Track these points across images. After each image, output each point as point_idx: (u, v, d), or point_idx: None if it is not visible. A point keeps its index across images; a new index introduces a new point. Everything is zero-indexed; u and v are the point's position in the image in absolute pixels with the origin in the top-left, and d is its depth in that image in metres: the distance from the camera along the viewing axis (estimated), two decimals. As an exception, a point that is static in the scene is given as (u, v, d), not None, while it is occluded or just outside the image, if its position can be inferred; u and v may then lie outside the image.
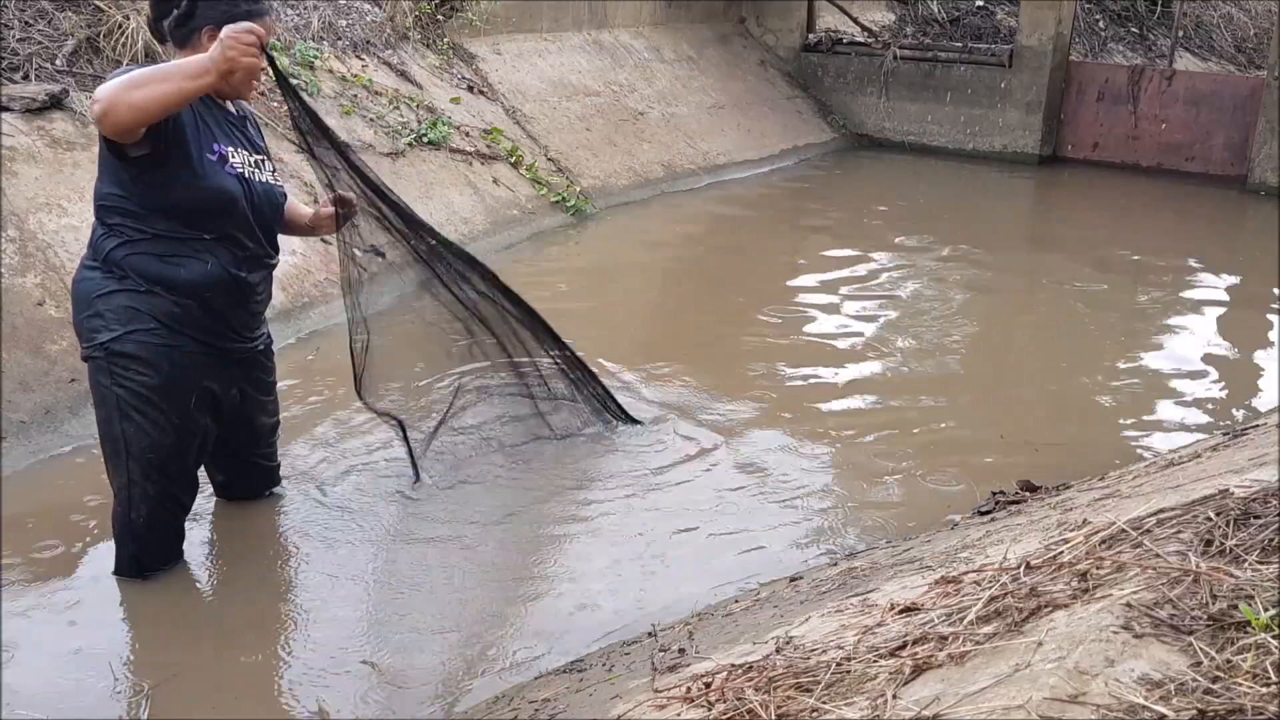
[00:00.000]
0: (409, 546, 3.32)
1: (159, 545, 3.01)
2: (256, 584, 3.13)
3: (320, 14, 7.06)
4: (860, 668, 1.53)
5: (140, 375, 2.80)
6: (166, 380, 2.83)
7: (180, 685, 2.60)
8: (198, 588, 3.07)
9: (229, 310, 2.95)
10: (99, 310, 2.79)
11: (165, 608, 2.94)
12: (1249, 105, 9.82)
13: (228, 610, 2.97)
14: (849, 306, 6.00)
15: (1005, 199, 9.82)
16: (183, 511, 3.04)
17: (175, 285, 2.81)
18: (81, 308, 2.83)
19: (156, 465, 2.87)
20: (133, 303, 2.79)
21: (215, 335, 2.93)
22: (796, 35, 11.61)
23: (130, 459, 2.85)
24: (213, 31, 2.71)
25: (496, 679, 2.64)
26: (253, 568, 3.20)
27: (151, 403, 2.82)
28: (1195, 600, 1.39)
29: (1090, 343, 5.64)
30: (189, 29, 2.81)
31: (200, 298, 2.85)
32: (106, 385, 2.81)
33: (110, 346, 2.78)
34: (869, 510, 3.61)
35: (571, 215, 7.55)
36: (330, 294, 5.31)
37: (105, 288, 2.80)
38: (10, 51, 5.12)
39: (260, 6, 2.86)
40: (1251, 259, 7.55)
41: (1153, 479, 2.78)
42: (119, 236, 2.80)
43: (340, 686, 2.65)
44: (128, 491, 2.89)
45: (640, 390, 4.51)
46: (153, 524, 2.94)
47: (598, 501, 3.57)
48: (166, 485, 2.93)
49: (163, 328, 2.81)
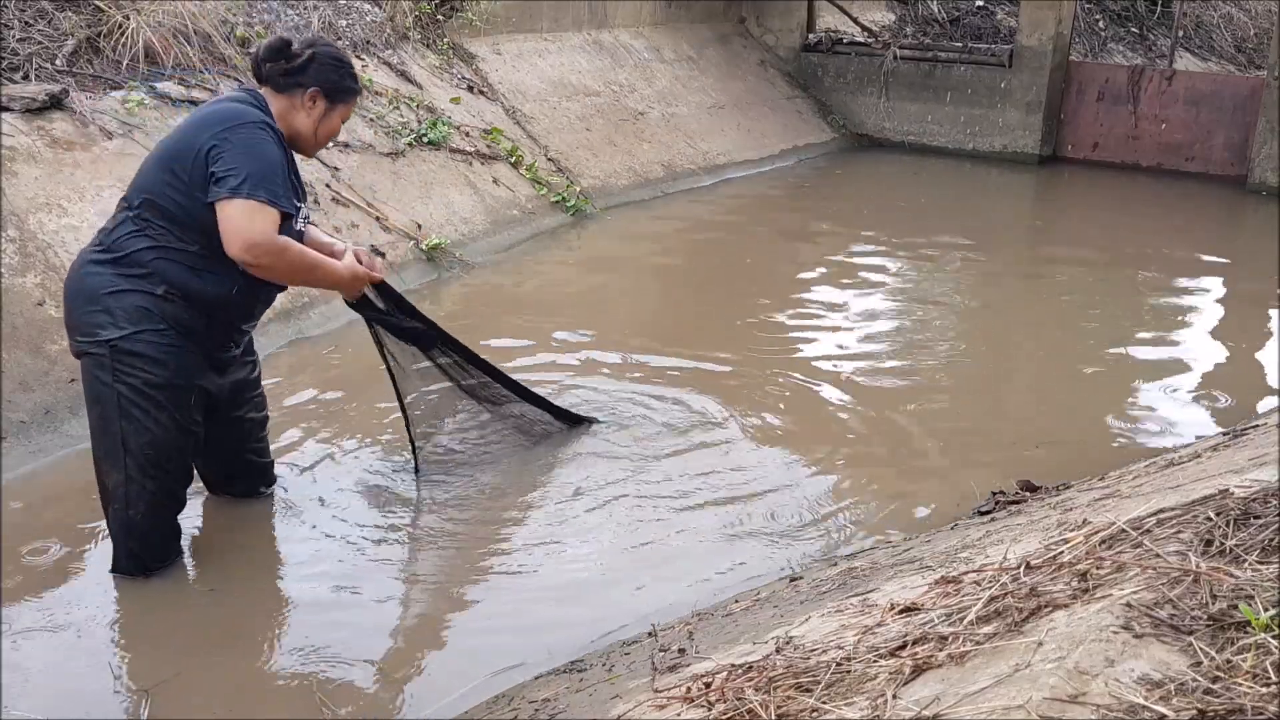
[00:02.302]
0: (408, 546, 3.32)
1: (158, 541, 3.01)
2: (255, 584, 3.13)
3: (320, 14, 7.06)
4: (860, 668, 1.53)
5: (145, 373, 2.80)
6: (171, 379, 2.84)
7: (180, 685, 2.60)
8: (197, 588, 3.06)
9: (233, 324, 3.01)
10: (108, 307, 2.78)
11: (165, 607, 2.94)
12: (1249, 105, 9.82)
13: (227, 610, 2.97)
14: (849, 307, 6.00)
15: (1005, 199, 9.82)
16: (179, 506, 3.05)
17: (195, 297, 2.83)
18: (84, 302, 2.81)
19: (155, 462, 2.87)
20: (146, 304, 2.79)
21: (214, 345, 2.98)
22: (796, 35, 11.61)
23: (129, 455, 2.85)
24: (315, 93, 2.96)
25: (496, 679, 2.64)
26: (251, 567, 3.20)
27: (154, 400, 2.83)
28: (1195, 600, 1.39)
29: (1090, 342, 5.64)
30: (295, 82, 2.95)
31: (213, 312, 2.89)
32: (106, 382, 2.80)
33: (118, 344, 2.78)
34: (869, 510, 3.60)
35: (571, 215, 7.54)
36: (330, 294, 5.31)
37: (117, 285, 2.79)
38: (10, 51, 5.12)
39: (358, 86, 3.12)
40: (1251, 259, 7.54)
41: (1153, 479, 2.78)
42: (152, 240, 2.79)
43: (340, 686, 2.65)
44: (125, 489, 2.88)
45: (640, 390, 4.50)
46: (151, 520, 2.95)
47: (597, 502, 3.57)
48: (164, 481, 2.93)
49: (172, 330, 2.82)
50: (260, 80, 2.97)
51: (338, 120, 3.05)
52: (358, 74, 3.12)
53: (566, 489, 3.64)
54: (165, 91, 5.53)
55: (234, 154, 2.72)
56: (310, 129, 3.00)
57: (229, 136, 2.74)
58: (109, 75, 5.41)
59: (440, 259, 6.17)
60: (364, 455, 3.83)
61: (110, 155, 4.95)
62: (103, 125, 5.07)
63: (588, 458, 3.87)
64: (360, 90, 3.14)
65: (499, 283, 6.19)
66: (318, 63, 2.96)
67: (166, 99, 5.50)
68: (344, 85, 3.02)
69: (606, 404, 4.34)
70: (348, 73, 3.04)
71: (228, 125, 2.76)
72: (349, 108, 3.08)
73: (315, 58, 2.95)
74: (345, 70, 3.03)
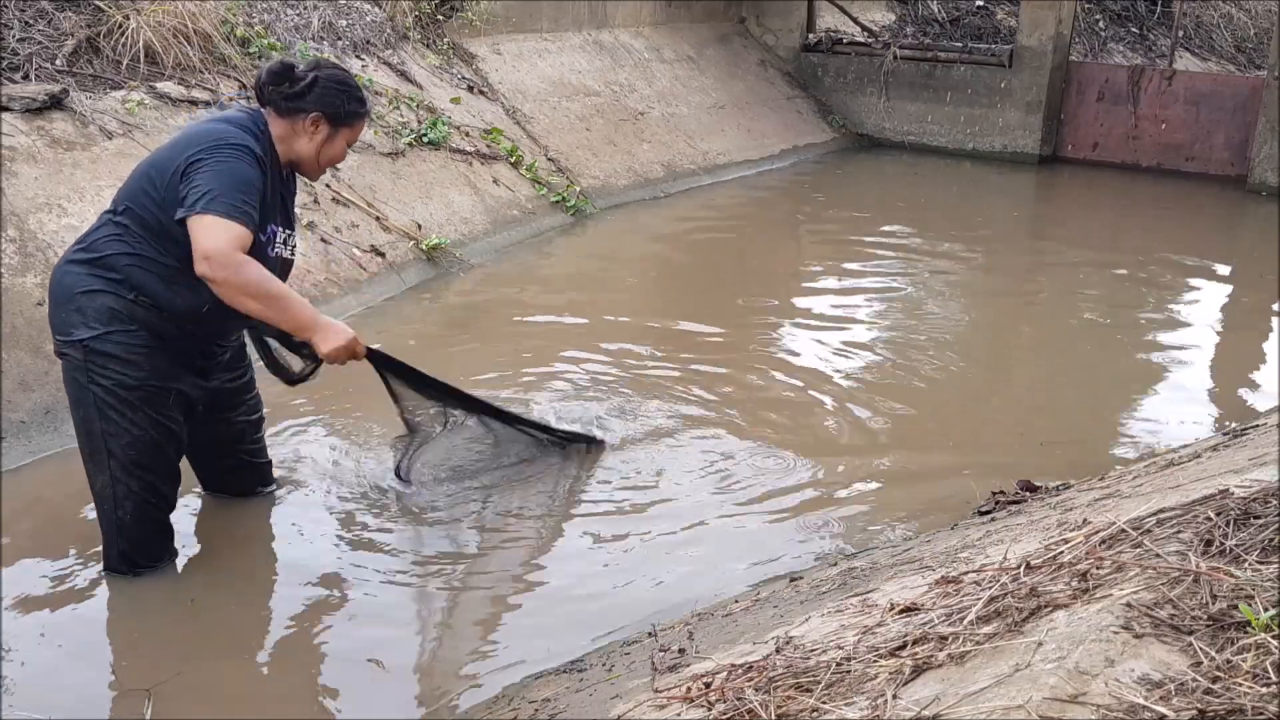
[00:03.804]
0: (406, 546, 3.31)
1: (148, 541, 2.99)
2: (254, 584, 3.13)
3: (320, 14, 7.06)
4: (860, 668, 1.53)
5: (118, 374, 2.78)
6: (144, 380, 2.80)
7: (180, 685, 2.59)
8: (196, 588, 3.06)
9: (206, 339, 2.98)
10: (81, 306, 2.76)
11: (165, 608, 2.94)
12: (1249, 105, 9.81)
13: (227, 610, 2.97)
14: (848, 307, 6.00)
15: (1005, 199, 9.82)
16: (168, 506, 3.02)
17: (165, 307, 2.80)
18: (61, 301, 2.80)
19: (137, 462, 2.85)
20: (116, 305, 2.76)
21: (190, 352, 2.94)
22: (796, 35, 11.61)
23: (111, 457, 2.84)
24: (317, 118, 2.90)
25: (496, 679, 2.64)
26: (250, 567, 3.20)
27: (128, 402, 2.80)
28: (1195, 600, 1.39)
29: (1090, 342, 5.64)
30: (297, 107, 2.88)
31: (182, 324, 2.85)
32: (83, 383, 2.79)
33: (89, 344, 2.76)
34: (869, 510, 3.61)
35: (571, 215, 7.54)
36: (330, 294, 5.31)
37: (90, 285, 2.77)
38: (10, 51, 5.12)
39: (364, 109, 3.02)
40: (1251, 259, 7.54)
41: (1153, 479, 2.78)
42: (129, 246, 2.78)
43: (340, 686, 2.65)
44: (111, 489, 2.88)
45: (639, 391, 4.51)
46: (140, 520, 2.93)
47: (596, 502, 3.57)
48: (150, 481, 2.90)
49: (143, 331, 2.79)
50: (262, 103, 2.92)
51: (342, 144, 3.00)
52: (364, 97, 3.03)
53: (565, 489, 3.64)
54: (165, 91, 5.53)
55: (204, 174, 2.67)
56: (312, 154, 2.95)
57: (204, 157, 2.70)
58: (109, 75, 5.41)
59: (440, 259, 6.17)
60: (363, 456, 3.83)
61: (110, 155, 4.95)
62: (103, 125, 5.07)
63: (586, 459, 3.86)
64: (367, 113, 3.05)
65: (499, 283, 6.19)
66: (320, 87, 2.89)
67: (166, 99, 5.50)
68: (348, 110, 2.95)
69: (605, 403, 4.34)
70: (353, 96, 2.97)
71: (205, 146, 2.73)
72: (355, 131, 3.02)
73: (318, 81, 2.89)
74: (350, 94, 2.96)
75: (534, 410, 4.18)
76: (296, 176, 3.12)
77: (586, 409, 4.27)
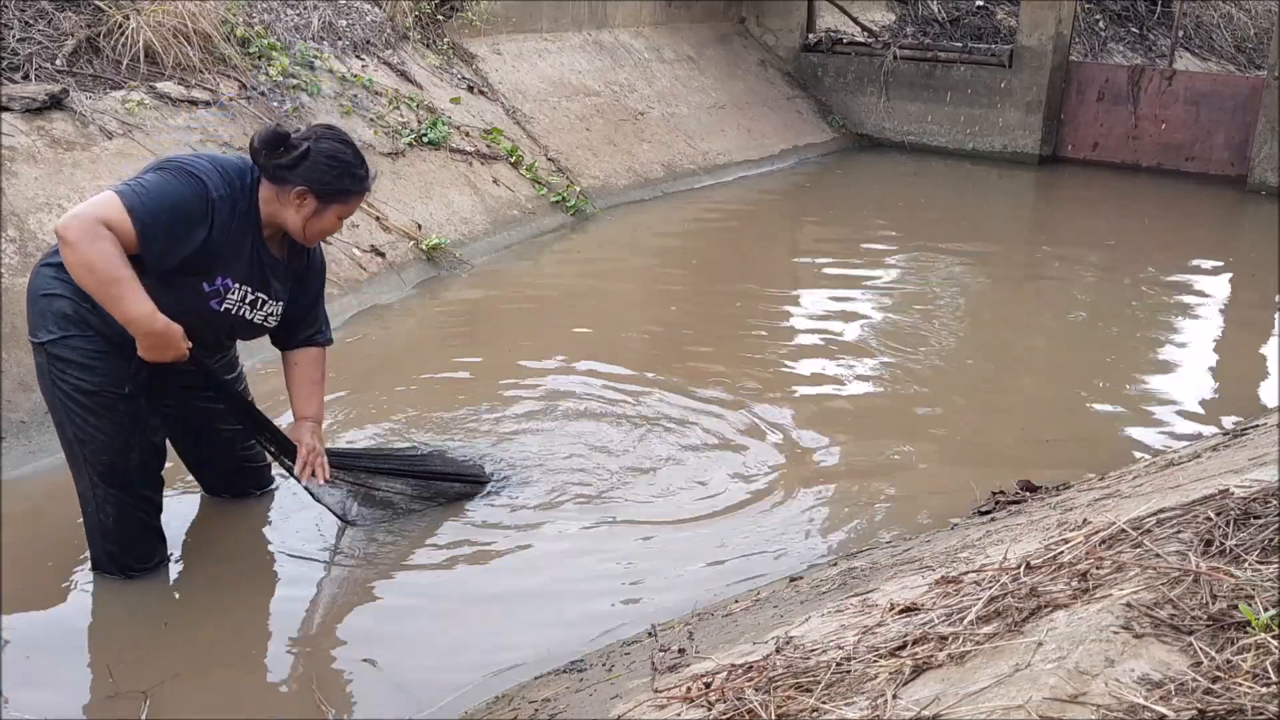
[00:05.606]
0: (405, 545, 3.31)
1: (133, 543, 2.96)
2: (252, 584, 3.12)
3: (320, 14, 7.06)
4: (860, 668, 1.53)
5: (76, 378, 2.75)
6: (102, 385, 2.76)
7: (179, 686, 2.59)
8: (194, 588, 3.06)
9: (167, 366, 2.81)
10: (43, 309, 2.75)
11: (163, 608, 2.94)
12: (1249, 105, 9.81)
13: (226, 611, 2.96)
14: (848, 307, 6.00)
15: (1005, 199, 9.82)
16: (152, 508, 2.98)
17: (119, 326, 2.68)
18: (29, 302, 2.79)
19: (110, 466, 2.83)
20: (72, 310, 2.73)
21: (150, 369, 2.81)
22: (796, 35, 11.61)
23: (86, 462, 2.83)
24: (303, 192, 2.73)
25: (496, 679, 2.64)
26: (248, 568, 3.20)
27: (88, 407, 2.77)
28: (1195, 600, 1.39)
29: (1090, 342, 5.64)
30: (284, 177, 2.74)
31: None
32: (49, 386, 2.79)
33: (48, 348, 2.75)
34: (869, 510, 3.60)
35: (571, 215, 7.54)
36: (330, 294, 5.29)
37: (52, 289, 2.74)
38: (10, 51, 5.12)
39: (361, 187, 2.84)
40: (1251, 259, 7.54)
41: (1153, 479, 2.78)
42: None
43: (340, 686, 2.65)
44: (92, 492, 2.87)
45: (639, 390, 4.50)
46: (122, 522, 2.91)
47: (596, 501, 3.57)
48: (126, 483, 2.88)
49: (99, 337, 2.74)
50: (255, 165, 2.78)
51: (333, 219, 2.82)
52: (360, 173, 2.83)
53: (565, 490, 3.64)
54: (165, 91, 5.53)
55: (144, 175, 2.66)
56: (298, 226, 2.79)
57: (154, 166, 2.70)
58: (109, 75, 5.41)
59: (440, 259, 6.17)
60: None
61: (110, 155, 4.95)
62: (103, 125, 5.07)
63: (587, 458, 3.87)
64: (365, 189, 2.86)
65: (499, 283, 6.19)
66: (310, 160, 2.72)
67: (166, 99, 5.50)
68: (338, 187, 2.77)
69: (605, 403, 4.34)
70: (346, 172, 2.78)
71: (163, 160, 2.73)
72: (348, 207, 2.83)
73: (309, 154, 2.72)
74: (342, 169, 2.77)
75: (528, 409, 4.18)
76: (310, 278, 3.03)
77: (586, 409, 4.28)
